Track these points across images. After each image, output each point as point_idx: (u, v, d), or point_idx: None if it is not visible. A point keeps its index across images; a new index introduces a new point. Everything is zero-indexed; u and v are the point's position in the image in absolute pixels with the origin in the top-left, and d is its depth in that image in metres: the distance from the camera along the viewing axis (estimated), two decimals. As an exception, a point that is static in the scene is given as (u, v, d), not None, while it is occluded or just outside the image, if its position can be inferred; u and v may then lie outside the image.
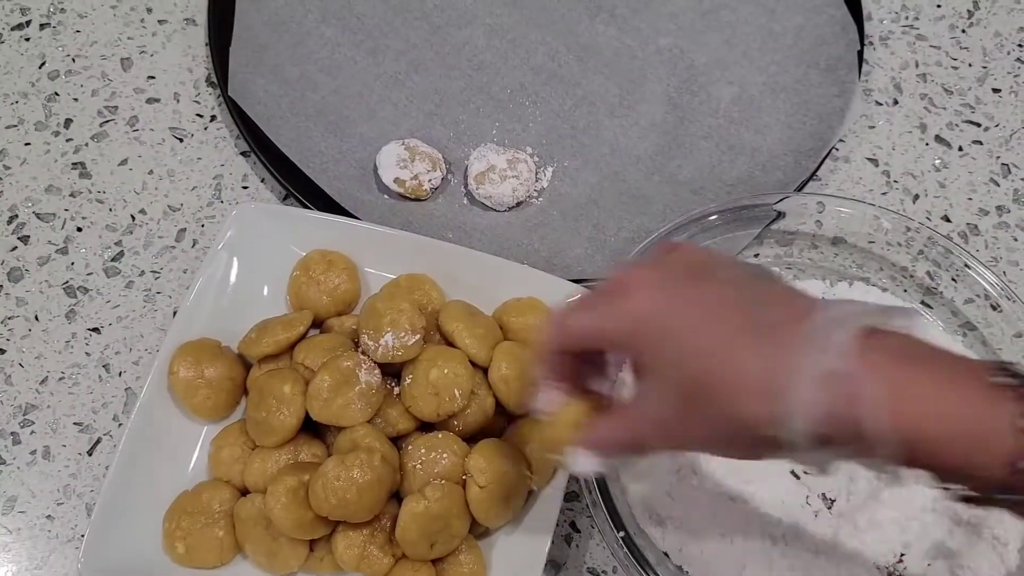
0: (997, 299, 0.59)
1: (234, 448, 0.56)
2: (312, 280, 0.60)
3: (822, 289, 0.62)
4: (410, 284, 0.60)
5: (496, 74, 0.71)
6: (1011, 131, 0.71)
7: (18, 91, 0.71)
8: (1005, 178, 0.69)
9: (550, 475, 0.55)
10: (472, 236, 0.65)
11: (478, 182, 0.65)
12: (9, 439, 0.59)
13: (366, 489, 0.50)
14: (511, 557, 0.54)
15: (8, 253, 0.65)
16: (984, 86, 0.73)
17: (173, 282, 0.64)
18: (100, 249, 0.65)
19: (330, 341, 0.57)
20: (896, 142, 0.70)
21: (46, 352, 0.62)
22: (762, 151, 0.68)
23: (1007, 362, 0.35)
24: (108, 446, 0.59)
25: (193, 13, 0.74)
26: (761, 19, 0.73)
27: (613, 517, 0.52)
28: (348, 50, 0.71)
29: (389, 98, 0.70)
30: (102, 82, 0.71)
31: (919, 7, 0.76)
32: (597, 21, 0.73)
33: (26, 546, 0.57)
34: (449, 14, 0.73)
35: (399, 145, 0.66)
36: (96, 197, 0.67)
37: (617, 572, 0.56)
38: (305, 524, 0.51)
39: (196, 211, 0.67)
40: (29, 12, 0.74)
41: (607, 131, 0.69)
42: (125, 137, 0.69)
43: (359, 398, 0.53)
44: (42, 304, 0.63)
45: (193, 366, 0.56)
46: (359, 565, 0.52)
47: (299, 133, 0.67)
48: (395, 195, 0.66)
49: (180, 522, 0.53)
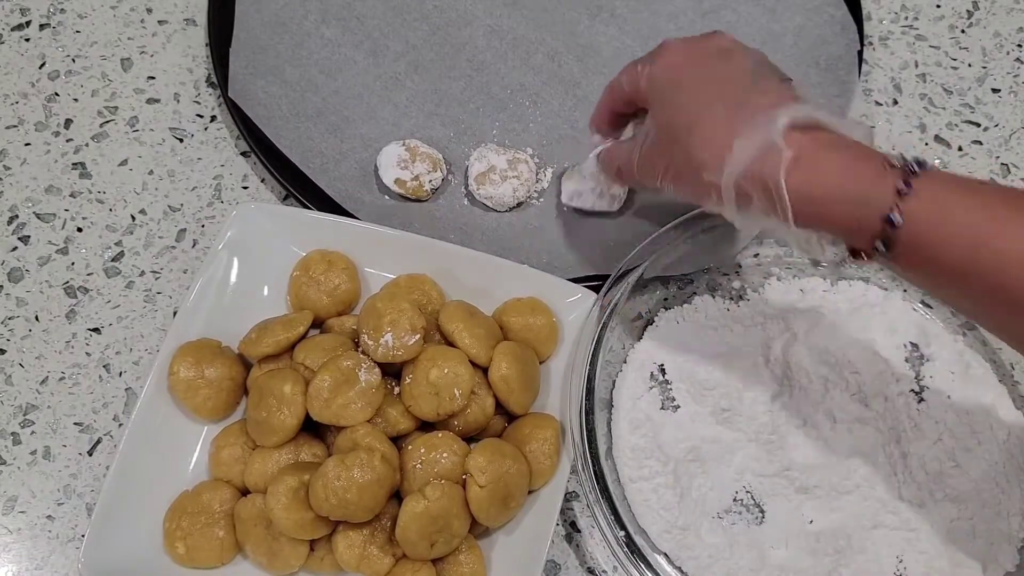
0: (997, 299, 0.59)
1: (234, 448, 0.56)
2: (312, 280, 0.60)
3: (823, 288, 0.62)
4: (410, 284, 0.60)
5: (496, 74, 0.71)
6: (1011, 131, 0.71)
7: (18, 91, 0.71)
8: (1005, 178, 0.69)
9: (550, 475, 0.55)
10: (473, 236, 0.65)
11: (479, 183, 0.65)
12: (9, 439, 0.59)
13: (366, 489, 0.50)
14: (511, 557, 0.54)
15: (8, 253, 0.65)
16: (984, 86, 0.73)
17: (173, 282, 0.64)
18: (100, 249, 0.65)
19: (330, 341, 0.57)
20: (896, 142, 0.70)
21: (46, 352, 0.62)
22: (762, 151, 0.68)
23: (908, 155, 0.43)
24: (108, 446, 0.59)
25: (193, 13, 0.74)
26: (761, 19, 0.73)
27: (613, 517, 0.52)
28: (348, 51, 0.71)
29: (389, 99, 0.70)
30: (102, 82, 0.71)
31: (919, 7, 0.76)
32: (597, 21, 0.73)
33: (26, 546, 0.57)
34: (449, 15, 0.73)
35: (399, 146, 0.66)
36: (96, 197, 0.67)
37: (617, 572, 0.56)
38: (305, 524, 0.51)
39: (196, 211, 0.67)
40: (29, 12, 0.74)
41: (607, 131, 0.69)
42: (125, 137, 0.69)
43: (359, 398, 0.53)
44: (42, 304, 0.64)
45: (193, 366, 0.56)
46: (359, 565, 0.52)
47: (299, 134, 0.67)
48: (395, 196, 0.66)
49: (180, 522, 0.53)
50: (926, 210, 0.41)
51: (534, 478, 0.54)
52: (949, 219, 0.41)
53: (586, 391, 0.54)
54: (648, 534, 0.54)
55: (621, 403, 0.58)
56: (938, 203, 0.41)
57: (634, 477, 0.56)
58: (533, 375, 0.57)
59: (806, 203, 0.43)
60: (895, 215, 0.41)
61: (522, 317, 0.58)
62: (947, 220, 0.41)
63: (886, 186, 0.42)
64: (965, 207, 0.41)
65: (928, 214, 0.41)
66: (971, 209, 0.40)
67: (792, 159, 0.43)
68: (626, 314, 0.61)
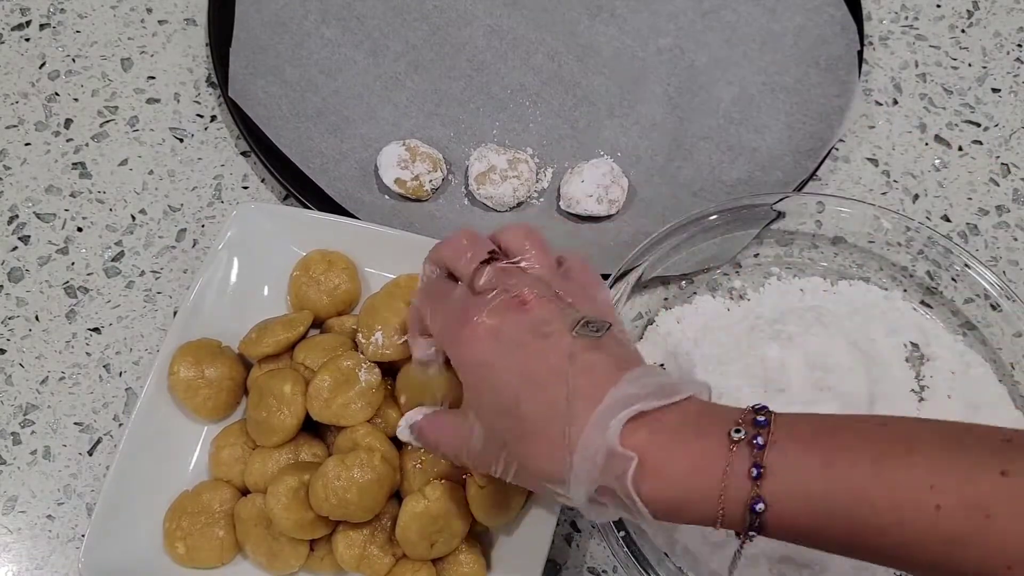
0: (997, 299, 0.59)
1: (234, 448, 0.56)
2: (312, 280, 0.60)
3: (823, 288, 0.63)
4: (410, 284, 0.60)
5: (496, 74, 0.71)
6: (1011, 131, 0.71)
7: (18, 91, 0.71)
8: (1005, 178, 0.69)
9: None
10: (472, 236, 0.65)
11: (479, 182, 0.65)
12: (9, 439, 0.59)
13: (366, 489, 0.50)
14: (511, 557, 0.54)
15: (8, 253, 0.65)
16: (984, 86, 0.73)
17: (173, 282, 0.64)
18: (100, 249, 0.65)
19: (330, 341, 0.57)
20: (896, 142, 0.71)
21: (46, 352, 0.62)
22: (762, 151, 0.68)
23: (759, 407, 0.41)
24: (108, 446, 0.59)
25: (193, 13, 0.74)
26: (761, 19, 0.73)
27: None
28: (348, 51, 0.71)
29: (389, 99, 0.70)
30: (102, 82, 0.71)
31: (919, 7, 0.76)
32: (597, 21, 0.73)
33: (26, 546, 0.57)
34: (449, 15, 0.73)
35: (399, 145, 0.66)
36: (96, 197, 0.67)
37: (617, 572, 0.56)
38: (305, 524, 0.51)
39: (196, 211, 0.67)
40: (29, 12, 0.74)
41: (607, 131, 0.69)
42: (125, 137, 0.69)
43: (359, 398, 0.53)
44: (42, 304, 0.64)
45: (193, 366, 0.56)
46: (359, 565, 0.52)
47: (299, 134, 0.67)
48: (396, 196, 0.66)
49: (180, 522, 0.54)
50: (787, 486, 0.39)
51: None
52: (812, 490, 0.38)
53: (586, 391, 0.54)
54: (648, 534, 0.54)
55: (621, 403, 0.58)
56: (796, 474, 0.39)
57: (634, 477, 0.55)
58: (533, 375, 0.57)
59: (662, 507, 0.40)
60: (757, 505, 0.39)
61: (522, 317, 0.58)
62: (810, 493, 0.38)
63: (739, 475, 0.39)
64: (823, 465, 0.38)
65: (790, 488, 0.38)
66: (830, 465, 0.38)
67: (637, 466, 0.39)
68: (626, 314, 0.61)
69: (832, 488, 0.38)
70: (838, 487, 0.38)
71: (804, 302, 0.62)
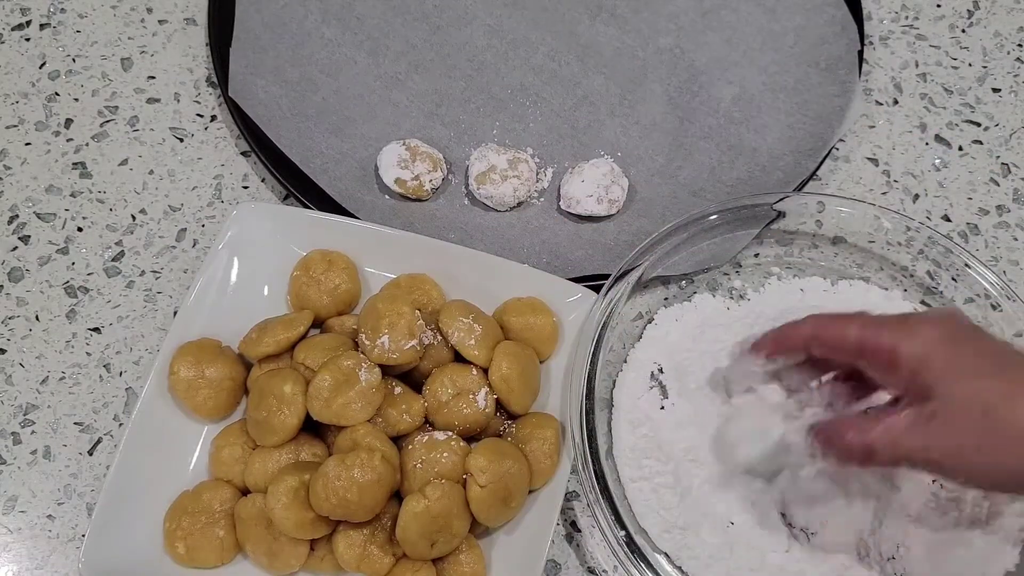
0: (997, 299, 0.59)
1: (235, 448, 0.56)
2: (312, 280, 0.60)
3: (823, 288, 0.62)
4: (410, 284, 0.60)
5: (496, 74, 0.71)
6: (1011, 131, 0.71)
7: (18, 91, 0.71)
8: (1005, 178, 0.69)
9: (550, 475, 0.55)
10: (473, 236, 0.65)
11: (479, 182, 0.65)
12: (10, 439, 0.59)
13: (366, 489, 0.50)
14: (511, 557, 0.54)
15: (8, 253, 0.65)
16: (984, 86, 0.73)
17: (173, 282, 0.64)
18: (100, 249, 0.65)
19: (330, 341, 0.57)
20: (896, 142, 0.71)
21: (47, 352, 0.62)
22: (762, 151, 0.68)
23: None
24: (109, 446, 0.59)
25: (193, 13, 0.74)
26: (761, 19, 0.73)
27: (613, 517, 0.52)
28: (348, 51, 0.71)
29: (390, 98, 0.70)
30: (102, 82, 0.71)
31: (919, 7, 0.76)
32: (597, 21, 0.73)
33: (27, 546, 0.57)
34: (449, 14, 0.73)
35: (400, 145, 0.66)
36: (96, 197, 0.67)
37: (617, 572, 0.56)
38: (306, 524, 0.51)
39: (196, 211, 0.67)
40: (29, 12, 0.74)
41: (607, 131, 0.69)
42: (125, 137, 0.69)
43: (359, 398, 0.53)
44: (43, 304, 0.64)
45: (193, 366, 0.56)
46: (360, 565, 0.52)
47: (300, 133, 0.67)
48: (396, 195, 0.66)
49: (181, 522, 0.54)
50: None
51: (534, 478, 0.54)
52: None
53: (586, 391, 0.54)
54: (648, 534, 0.54)
55: (621, 403, 0.58)
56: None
57: (634, 477, 0.56)
58: (533, 375, 0.57)
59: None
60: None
61: (522, 317, 0.58)
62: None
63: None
64: None
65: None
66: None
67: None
68: (626, 314, 0.61)
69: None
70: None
71: (804, 302, 0.62)
